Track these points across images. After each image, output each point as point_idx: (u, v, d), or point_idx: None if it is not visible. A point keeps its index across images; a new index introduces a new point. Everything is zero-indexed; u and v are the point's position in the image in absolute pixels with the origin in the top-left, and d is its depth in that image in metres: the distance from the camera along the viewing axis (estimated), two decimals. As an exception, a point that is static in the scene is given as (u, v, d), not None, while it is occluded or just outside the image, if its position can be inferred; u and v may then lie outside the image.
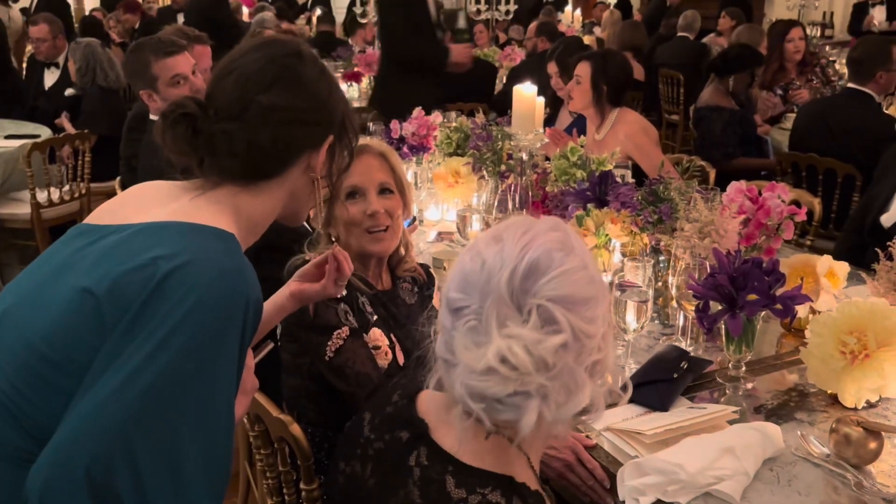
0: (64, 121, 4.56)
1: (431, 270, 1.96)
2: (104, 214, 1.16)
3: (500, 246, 0.94)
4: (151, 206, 1.13)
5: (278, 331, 1.76)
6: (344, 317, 1.65)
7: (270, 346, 1.37)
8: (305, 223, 1.77)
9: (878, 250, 1.88)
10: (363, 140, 1.73)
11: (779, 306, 1.62)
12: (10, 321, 1.07)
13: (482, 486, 0.96)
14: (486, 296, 0.91)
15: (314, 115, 1.19)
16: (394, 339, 1.72)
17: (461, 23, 7.48)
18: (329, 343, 1.62)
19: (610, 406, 1.01)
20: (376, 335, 1.69)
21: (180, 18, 7.06)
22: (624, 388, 1.02)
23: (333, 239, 1.75)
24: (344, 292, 1.61)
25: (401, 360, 1.71)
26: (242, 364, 1.07)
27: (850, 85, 3.72)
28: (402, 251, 1.85)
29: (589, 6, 10.67)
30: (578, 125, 3.81)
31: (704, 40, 6.94)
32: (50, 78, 5.09)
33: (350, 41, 7.50)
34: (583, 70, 3.24)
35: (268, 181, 1.17)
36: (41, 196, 3.95)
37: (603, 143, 3.22)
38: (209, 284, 1.00)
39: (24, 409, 1.01)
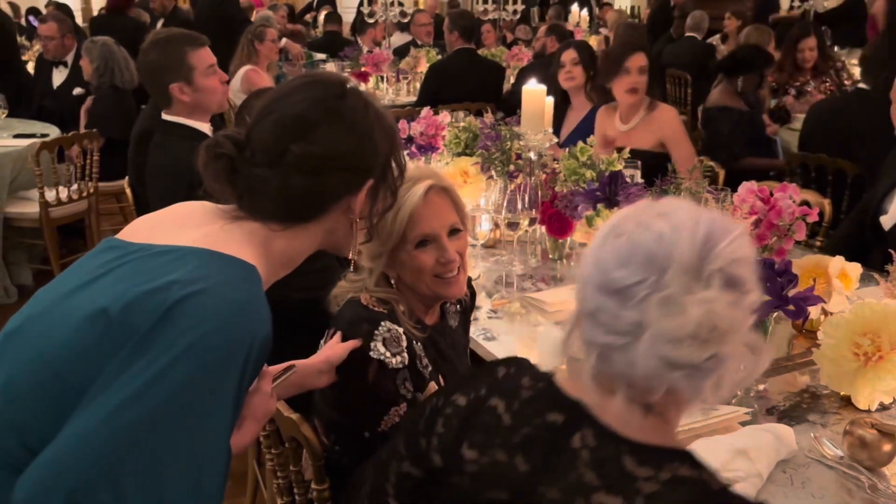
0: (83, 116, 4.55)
1: (473, 283, 1.85)
2: (139, 231, 1.16)
3: (669, 218, 0.94)
4: (184, 228, 1.12)
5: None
6: (403, 386, 1.52)
7: (294, 370, 1.35)
8: None
9: (893, 252, 1.87)
10: (431, 180, 1.55)
11: (791, 307, 1.61)
12: (31, 330, 1.07)
13: (669, 461, 0.94)
14: (667, 266, 0.90)
15: (353, 160, 1.16)
16: (441, 380, 1.62)
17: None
18: (385, 418, 1.51)
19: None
20: (431, 388, 1.57)
21: (159, 25, 7.04)
22: None
23: (392, 281, 1.59)
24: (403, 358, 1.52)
25: None
26: (241, 400, 1.04)
27: (861, 85, 3.70)
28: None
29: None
30: (585, 125, 3.82)
31: (710, 41, 6.93)
32: (58, 77, 5.09)
33: (359, 41, 7.51)
34: (639, 62, 3.28)
35: (304, 224, 1.16)
36: (49, 195, 3.96)
37: (632, 132, 3.29)
38: (216, 317, 0.99)
39: (27, 422, 1.00)
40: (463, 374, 1.18)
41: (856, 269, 1.92)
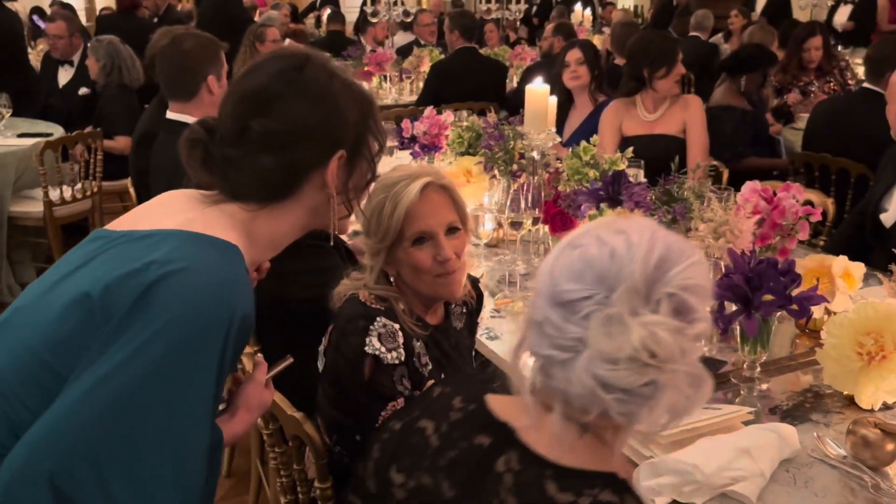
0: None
1: (480, 284, 1.84)
2: (124, 221, 1.15)
3: (626, 236, 0.92)
4: (167, 214, 1.12)
5: (319, 363, 1.63)
6: (400, 382, 1.52)
7: (289, 361, 1.33)
8: None
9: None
10: (428, 177, 1.54)
11: (795, 307, 1.61)
12: (17, 321, 1.07)
13: (590, 487, 0.93)
14: (616, 284, 0.89)
15: (317, 133, 1.13)
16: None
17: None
18: (383, 413, 1.51)
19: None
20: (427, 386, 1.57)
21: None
22: None
23: (392, 279, 1.59)
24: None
25: None
26: (223, 380, 1.03)
27: (866, 84, 3.69)
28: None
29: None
30: (589, 125, 3.82)
31: (712, 40, 6.92)
32: (64, 76, 5.11)
33: (362, 39, 7.51)
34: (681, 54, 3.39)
35: (281, 202, 1.14)
36: (53, 194, 3.97)
37: (659, 121, 3.38)
38: (196, 294, 0.98)
39: (19, 413, 1.00)
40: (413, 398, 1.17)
41: (859, 268, 1.92)
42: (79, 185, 4.14)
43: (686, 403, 0.92)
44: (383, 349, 1.50)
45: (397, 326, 1.53)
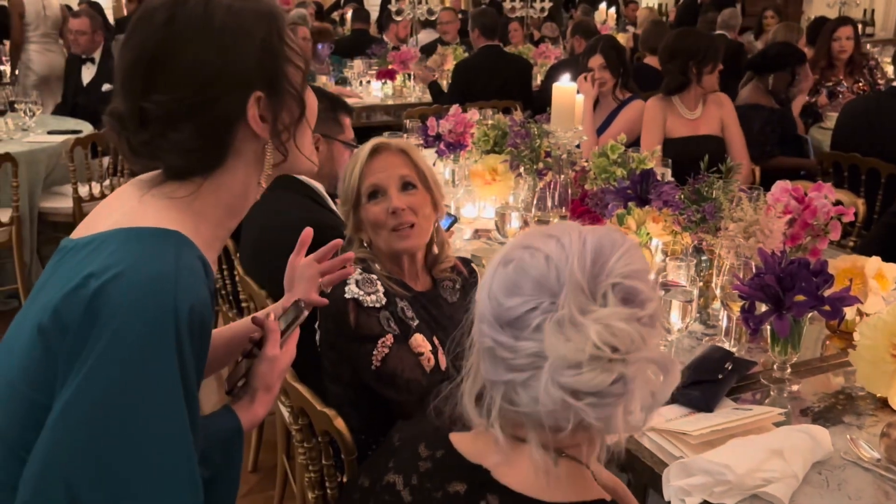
0: None
1: (473, 265, 1.92)
2: (83, 225, 1.08)
3: (556, 240, 0.91)
4: (112, 211, 1.05)
5: (317, 337, 1.75)
6: (387, 324, 1.61)
7: (304, 315, 1.20)
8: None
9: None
10: (381, 140, 1.71)
11: (827, 308, 1.60)
12: (2, 353, 1.04)
13: None
14: (558, 288, 0.87)
15: (217, 84, 0.98)
16: (436, 342, 1.69)
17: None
18: (374, 352, 1.58)
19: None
20: (418, 341, 1.65)
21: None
22: None
23: (365, 244, 1.72)
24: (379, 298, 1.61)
25: (443, 364, 1.68)
26: (192, 375, 0.96)
27: (896, 83, 3.65)
28: (437, 250, 1.79)
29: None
30: (611, 122, 3.80)
31: (740, 39, 6.85)
32: (87, 74, 5.18)
33: (384, 37, 7.52)
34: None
35: (220, 166, 1.03)
36: (83, 190, 4.03)
37: (700, 119, 3.41)
38: (132, 300, 0.92)
39: (26, 448, 0.96)
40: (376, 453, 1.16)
41: (892, 269, 1.89)
42: (107, 182, 4.20)
43: (658, 392, 0.89)
44: (362, 293, 1.61)
45: (374, 277, 1.65)
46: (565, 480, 0.92)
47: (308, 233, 1.37)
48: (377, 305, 1.61)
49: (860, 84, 4.70)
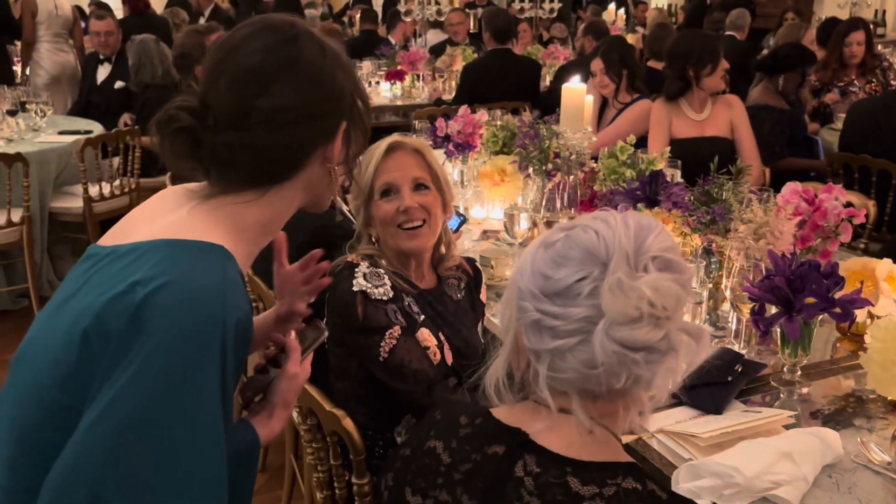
0: (126, 119, 4.64)
1: (478, 264, 1.94)
2: (114, 232, 1.10)
3: (601, 220, 0.99)
4: (152, 220, 1.06)
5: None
6: (394, 316, 1.64)
7: (324, 335, 1.25)
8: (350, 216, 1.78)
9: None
10: (398, 138, 1.74)
11: (838, 310, 1.59)
12: (28, 355, 1.04)
13: (612, 477, 0.94)
14: (608, 258, 0.94)
15: (322, 106, 1.07)
16: (442, 337, 1.71)
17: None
18: (382, 344, 1.61)
19: (659, 409, 1.02)
20: (424, 335, 1.68)
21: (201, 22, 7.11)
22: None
23: (374, 239, 1.75)
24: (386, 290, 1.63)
25: (449, 359, 1.70)
26: (230, 388, 0.98)
27: (908, 85, 3.62)
28: (444, 250, 1.81)
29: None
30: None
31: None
32: (102, 73, 5.21)
33: (390, 37, 7.53)
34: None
35: (281, 184, 1.08)
36: (93, 190, 4.05)
37: (708, 120, 3.39)
38: (183, 308, 0.93)
39: (46, 451, 0.96)
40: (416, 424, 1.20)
41: (903, 272, 1.88)
42: (117, 182, 4.23)
43: (691, 358, 0.97)
44: (370, 285, 1.63)
45: (381, 271, 1.68)
46: (599, 447, 0.98)
47: (316, 254, 1.37)
48: (385, 298, 1.64)
49: (872, 84, 4.67)
